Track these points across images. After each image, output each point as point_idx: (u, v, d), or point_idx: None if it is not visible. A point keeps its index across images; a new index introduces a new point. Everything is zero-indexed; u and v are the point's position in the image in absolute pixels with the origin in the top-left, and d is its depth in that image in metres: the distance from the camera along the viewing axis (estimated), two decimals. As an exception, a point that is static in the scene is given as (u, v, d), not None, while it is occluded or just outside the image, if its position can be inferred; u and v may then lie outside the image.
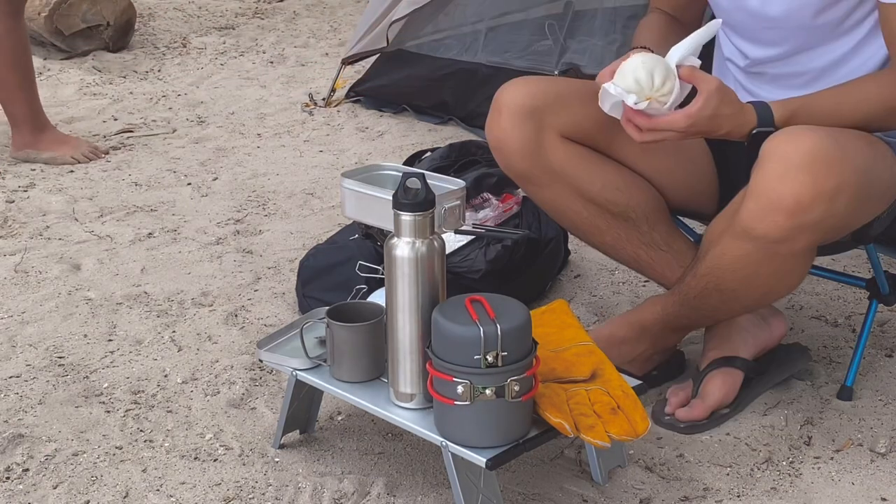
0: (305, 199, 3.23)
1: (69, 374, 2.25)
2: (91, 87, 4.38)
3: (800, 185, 1.74)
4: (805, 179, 1.74)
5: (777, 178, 1.76)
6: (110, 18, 4.76)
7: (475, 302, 1.67)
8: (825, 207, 1.76)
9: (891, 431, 2.04)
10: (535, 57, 3.90)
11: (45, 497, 1.87)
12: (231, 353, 2.34)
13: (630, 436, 1.69)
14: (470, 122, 3.78)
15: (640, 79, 1.78)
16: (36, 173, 3.43)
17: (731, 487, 1.89)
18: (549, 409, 1.70)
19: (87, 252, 2.86)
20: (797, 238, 1.80)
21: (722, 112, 1.81)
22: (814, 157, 1.75)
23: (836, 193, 1.75)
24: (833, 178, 1.75)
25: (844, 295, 2.57)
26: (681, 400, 2.07)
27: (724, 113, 1.81)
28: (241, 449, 2.00)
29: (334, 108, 4.13)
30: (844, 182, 1.76)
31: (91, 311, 2.53)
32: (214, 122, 3.99)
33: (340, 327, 1.83)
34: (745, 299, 1.99)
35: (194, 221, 3.07)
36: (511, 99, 2.03)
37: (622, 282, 2.66)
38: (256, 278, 2.70)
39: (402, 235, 1.71)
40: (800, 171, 1.74)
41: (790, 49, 1.98)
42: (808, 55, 1.98)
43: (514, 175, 2.10)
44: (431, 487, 1.88)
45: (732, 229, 1.87)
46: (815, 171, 1.74)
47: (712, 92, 1.80)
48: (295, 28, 5.41)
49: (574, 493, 1.87)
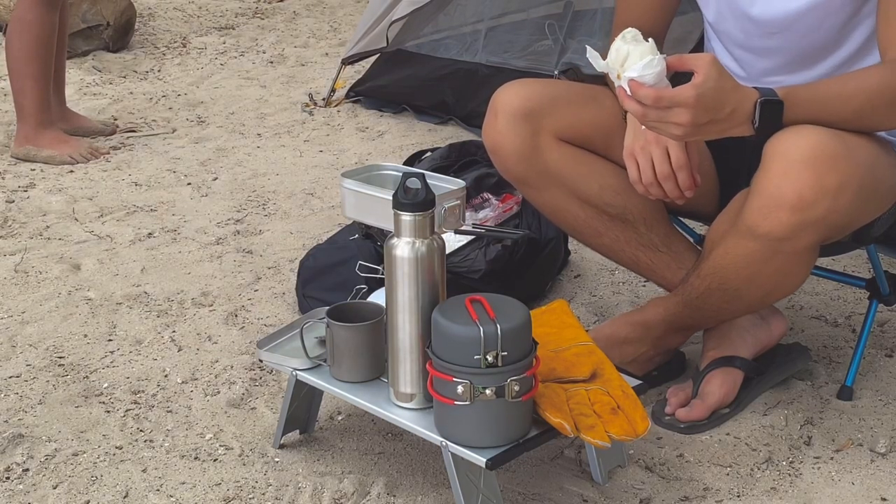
0: (305, 199, 3.23)
1: (69, 374, 2.25)
2: (91, 87, 4.38)
3: (803, 181, 1.74)
4: (808, 175, 1.73)
5: (780, 175, 1.75)
6: (110, 18, 4.76)
7: (475, 302, 1.67)
8: (828, 204, 1.75)
9: (891, 431, 2.04)
10: (535, 57, 3.90)
11: (45, 497, 1.87)
12: (231, 353, 2.34)
13: (630, 436, 1.69)
14: (470, 121, 3.78)
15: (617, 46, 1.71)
16: (36, 173, 3.43)
17: (731, 487, 1.89)
18: (549, 409, 1.70)
19: (87, 252, 2.86)
20: (801, 236, 1.80)
21: (724, 85, 1.72)
22: (817, 154, 1.74)
23: (839, 190, 1.75)
24: (836, 174, 1.74)
25: (844, 295, 2.57)
26: (681, 400, 2.07)
27: (726, 86, 1.73)
28: (241, 449, 2.00)
29: (334, 108, 4.13)
30: (848, 178, 1.75)
31: (91, 311, 2.53)
32: (214, 122, 3.99)
33: (340, 327, 1.83)
34: (748, 299, 1.98)
35: (194, 221, 3.07)
36: (507, 102, 2.03)
37: (622, 282, 2.66)
38: (256, 278, 2.70)
39: (402, 235, 1.71)
40: (803, 167, 1.74)
41: (791, 58, 1.98)
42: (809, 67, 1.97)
43: (511, 178, 2.10)
44: (431, 487, 1.88)
45: (736, 228, 1.87)
46: (818, 167, 1.73)
47: (709, 64, 1.72)
48: (295, 28, 5.41)
49: (574, 493, 1.87)
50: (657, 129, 1.75)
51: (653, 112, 1.71)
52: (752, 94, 1.76)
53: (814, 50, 1.96)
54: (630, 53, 1.70)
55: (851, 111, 1.81)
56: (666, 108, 1.70)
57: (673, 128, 1.72)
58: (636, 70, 1.69)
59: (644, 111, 1.72)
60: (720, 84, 1.71)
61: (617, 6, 2.17)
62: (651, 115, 1.72)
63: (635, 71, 1.69)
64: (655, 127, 1.75)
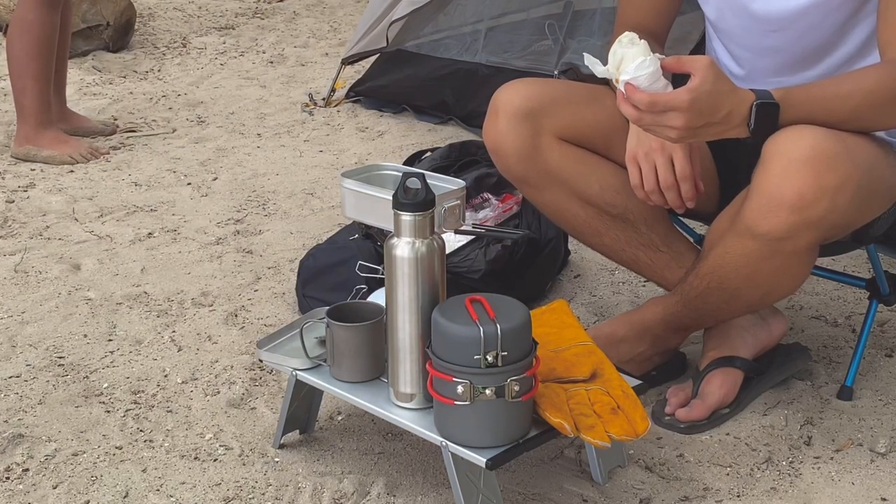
0: (305, 199, 3.23)
1: (69, 374, 2.25)
2: (91, 87, 4.38)
3: (802, 180, 1.74)
4: (807, 175, 1.73)
5: (779, 175, 1.75)
6: (110, 18, 4.76)
7: (475, 302, 1.67)
8: (828, 203, 1.75)
9: (891, 431, 2.04)
10: (535, 57, 3.90)
11: (45, 497, 1.87)
12: (231, 353, 2.34)
13: (630, 436, 1.69)
14: (470, 122, 3.78)
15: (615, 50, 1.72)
16: (36, 173, 3.43)
17: (731, 487, 1.89)
18: (549, 409, 1.70)
19: (87, 252, 2.86)
20: (800, 235, 1.80)
21: (720, 88, 1.73)
22: (816, 153, 1.74)
23: (838, 189, 1.75)
24: (835, 174, 1.74)
25: (844, 295, 2.57)
26: (681, 400, 2.07)
27: (722, 89, 1.73)
28: (241, 449, 2.00)
29: (334, 108, 4.13)
30: (847, 178, 1.75)
31: (91, 311, 2.53)
32: (214, 122, 3.99)
33: (340, 327, 1.83)
34: (747, 299, 1.98)
35: (194, 221, 3.07)
36: (507, 102, 2.03)
37: (622, 282, 2.66)
38: (256, 278, 2.70)
39: (402, 235, 1.71)
40: (802, 166, 1.74)
41: (792, 57, 1.98)
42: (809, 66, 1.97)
43: (512, 178, 2.10)
44: (431, 487, 1.88)
45: (735, 228, 1.87)
46: (817, 166, 1.73)
47: (706, 67, 1.72)
48: (295, 28, 5.41)
49: (574, 493, 1.87)
50: (653, 132, 1.76)
51: (647, 116, 1.72)
52: (748, 97, 1.76)
53: (814, 48, 1.96)
54: (625, 57, 1.70)
55: (848, 111, 1.81)
56: (661, 112, 1.70)
57: (668, 131, 1.73)
58: (629, 72, 1.69)
59: (639, 115, 1.72)
60: (716, 87, 1.71)
61: (619, 6, 2.17)
62: (646, 118, 1.72)
63: (628, 73, 1.70)
64: (651, 130, 1.75)
